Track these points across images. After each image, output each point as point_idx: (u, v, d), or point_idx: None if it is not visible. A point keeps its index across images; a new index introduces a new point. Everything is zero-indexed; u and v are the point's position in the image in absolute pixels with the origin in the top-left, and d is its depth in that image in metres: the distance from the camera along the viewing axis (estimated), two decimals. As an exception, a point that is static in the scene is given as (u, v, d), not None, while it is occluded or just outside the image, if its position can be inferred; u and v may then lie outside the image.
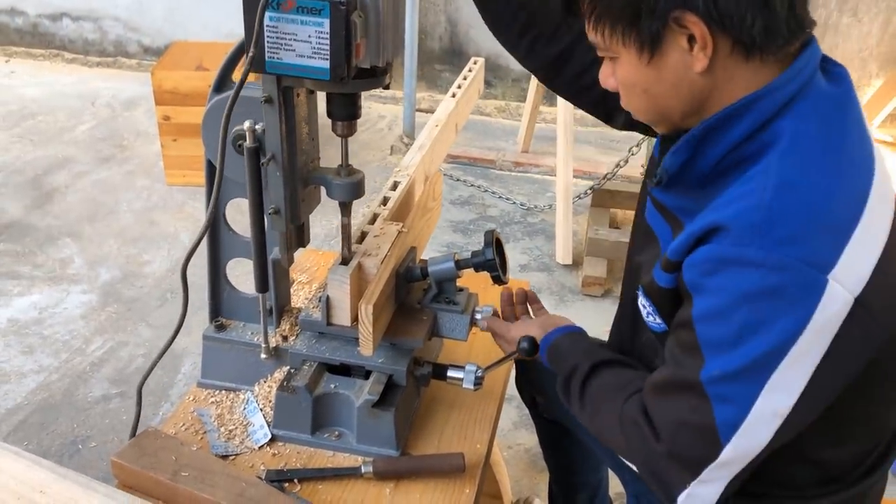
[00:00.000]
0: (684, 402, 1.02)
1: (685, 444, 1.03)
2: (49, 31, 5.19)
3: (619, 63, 1.05)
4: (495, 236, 1.37)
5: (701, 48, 0.97)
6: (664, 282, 1.07)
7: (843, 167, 0.98)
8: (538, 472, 2.32)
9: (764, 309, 0.93)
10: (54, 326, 2.85)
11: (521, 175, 4.05)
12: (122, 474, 1.26)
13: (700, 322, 0.98)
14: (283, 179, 1.23)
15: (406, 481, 1.29)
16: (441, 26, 4.64)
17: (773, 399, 0.96)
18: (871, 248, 0.96)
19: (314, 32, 1.07)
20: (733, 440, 0.99)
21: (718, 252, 0.96)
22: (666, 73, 1.01)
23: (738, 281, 0.94)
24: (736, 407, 0.98)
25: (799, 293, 0.92)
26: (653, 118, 1.10)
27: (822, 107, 1.00)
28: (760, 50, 0.98)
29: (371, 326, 1.24)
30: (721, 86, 1.00)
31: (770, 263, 0.92)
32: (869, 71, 4.35)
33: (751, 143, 0.99)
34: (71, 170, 3.92)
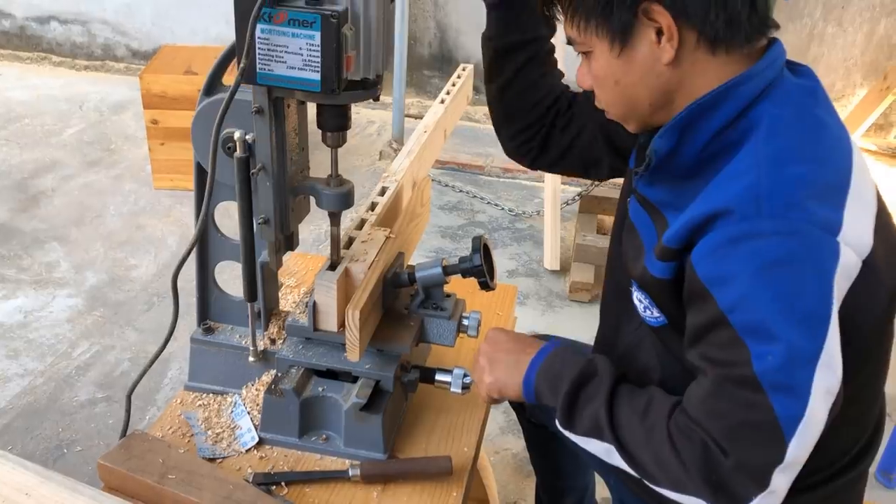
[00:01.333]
0: (740, 404, 0.95)
1: (748, 448, 0.96)
2: (37, 34, 5.17)
3: (593, 57, 1.10)
4: (483, 242, 1.37)
5: (668, 39, 1.02)
6: (659, 271, 1.06)
7: (825, 141, 1.03)
8: (525, 477, 2.32)
9: (791, 276, 0.93)
10: (40, 330, 2.83)
11: (510, 181, 4.07)
12: (108, 477, 1.26)
13: (732, 312, 0.95)
14: (272, 189, 1.24)
15: (393, 484, 1.29)
16: (430, 32, 4.65)
17: (825, 376, 0.93)
18: (866, 211, 1.00)
19: (305, 45, 1.08)
20: (797, 435, 0.93)
21: (727, 233, 0.96)
22: (635, 64, 1.06)
23: (757, 255, 0.93)
24: (795, 396, 0.93)
25: (818, 255, 0.93)
26: (623, 112, 1.14)
27: (795, 94, 1.06)
28: (725, 44, 1.03)
29: (358, 332, 1.24)
30: (688, 78, 1.05)
31: (783, 230, 0.94)
32: (853, 80, 4.39)
33: (732, 130, 1.03)
34: (58, 173, 3.90)
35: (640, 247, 1.15)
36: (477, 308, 1.46)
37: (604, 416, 1.07)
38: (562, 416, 1.13)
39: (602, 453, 1.10)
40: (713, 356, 0.99)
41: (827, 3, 4.20)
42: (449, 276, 1.37)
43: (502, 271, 3.30)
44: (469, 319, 1.40)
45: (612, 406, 1.08)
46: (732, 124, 1.03)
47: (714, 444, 0.97)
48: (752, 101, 1.03)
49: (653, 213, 1.14)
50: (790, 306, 0.93)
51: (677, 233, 1.02)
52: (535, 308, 3.10)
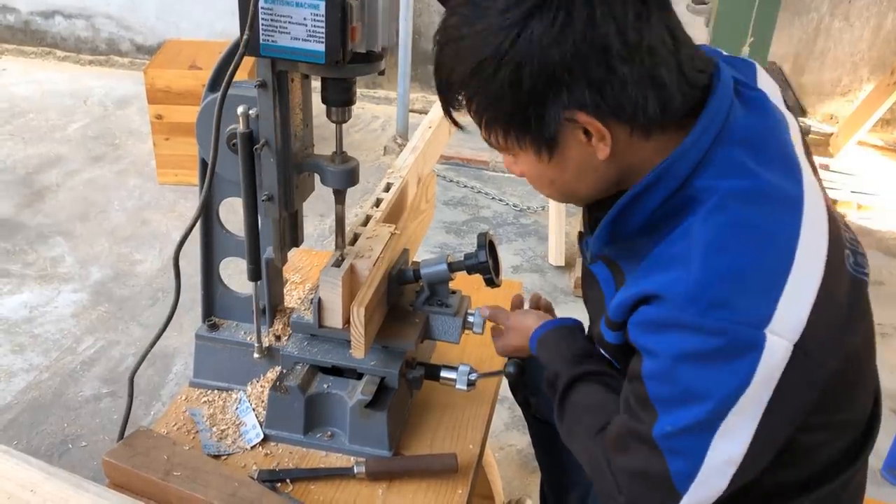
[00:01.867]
0: (639, 455, 1.02)
1: (642, 496, 1.04)
2: (41, 29, 5.17)
3: (520, 160, 1.05)
4: (489, 238, 1.37)
5: (599, 139, 0.97)
6: (611, 338, 1.09)
7: (768, 213, 0.96)
8: (529, 473, 2.32)
9: (706, 370, 0.94)
10: (45, 325, 2.84)
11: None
12: (113, 473, 1.26)
13: (649, 380, 1.00)
14: (276, 165, 1.23)
15: (398, 481, 1.29)
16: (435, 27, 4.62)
17: (724, 449, 0.97)
18: (805, 293, 0.94)
19: (310, 15, 1.06)
20: (690, 490, 0.99)
21: (657, 315, 0.97)
22: (569, 165, 1.01)
23: (678, 343, 0.95)
24: (688, 460, 0.98)
25: (739, 352, 0.92)
26: (567, 200, 1.13)
27: (737, 154, 0.98)
28: (660, 124, 0.97)
29: (363, 329, 1.24)
30: (629, 164, 1.01)
31: (707, 328, 0.92)
32: (860, 75, 4.37)
33: (674, 199, 0.98)
34: (62, 168, 3.90)
35: (601, 301, 1.15)
36: (482, 303, 1.45)
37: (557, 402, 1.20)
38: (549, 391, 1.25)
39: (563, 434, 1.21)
40: (630, 402, 1.04)
41: (834, -2, 4.19)
42: (454, 272, 1.36)
43: (507, 267, 3.29)
44: (474, 316, 1.40)
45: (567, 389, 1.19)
46: (672, 196, 0.98)
47: (614, 479, 1.06)
48: (690, 172, 0.97)
49: (609, 263, 1.14)
50: (699, 392, 0.95)
51: (618, 308, 1.03)
52: (539, 304, 3.09)
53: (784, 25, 4.19)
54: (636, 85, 0.93)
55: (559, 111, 0.94)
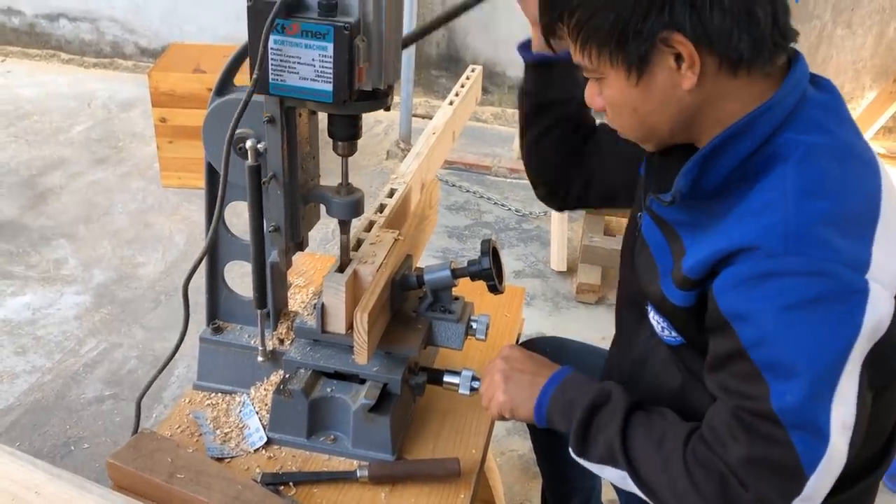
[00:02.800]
0: (759, 439, 0.95)
1: (768, 483, 0.96)
2: (46, 32, 5.18)
3: (607, 83, 1.05)
4: (492, 245, 1.36)
5: (689, 67, 0.98)
6: (679, 300, 1.05)
7: (851, 168, 0.99)
8: (531, 479, 2.32)
9: (814, 320, 0.92)
10: (48, 327, 2.84)
11: (517, 181, 4.06)
12: (117, 475, 1.26)
13: (753, 349, 0.95)
14: (283, 198, 1.25)
15: (401, 486, 1.29)
16: (438, 32, 4.65)
17: (841, 412, 0.93)
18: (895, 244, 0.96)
19: (318, 56, 1.08)
20: (818, 471, 0.94)
21: (751, 269, 0.94)
22: (654, 92, 1.02)
23: (781, 294, 0.92)
24: (815, 433, 0.93)
25: (845, 296, 0.91)
26: (641, 136, 1.11)
27: (819, 115, 1.02)
28: (748, 65, 0.99)
29: (366, 335, 1.24)
30: (710, 102, 1.02)
31: (809, 269, 0.91)
32: (862, 83, 4.38)
33: (756, 158, 1.00)
34: (66, 170, 3.91)
35: (654, 268, 1.12)
36: (485, 310, 1.46)
37: (618, 444, 1.07)
38: (575, 444, 1.12)
39: (617, 480, 1.10)
40: (733, 387, 0.98)
41: (837, 5, 4.18)
42: (457, 278, 1.36)
43: (509, 272, 3.30)
44: (477, 322, 1.40)
45: (625, 434, 1.07)
46: (756, 153, 1.00)
47: (733, 476, 0.97)
48: (774, 130, 0.99)
49: (667, 232, 1.11)
50: (811, 346, 0.92)
51: (700, 264, 1.00)
52: (541, 309, 3.10)
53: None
54: (734, 17, 0.95)
55: (657, 28, 0.96)
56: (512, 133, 4.32)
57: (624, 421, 1.08)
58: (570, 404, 1.14)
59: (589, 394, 1.13)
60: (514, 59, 1.48)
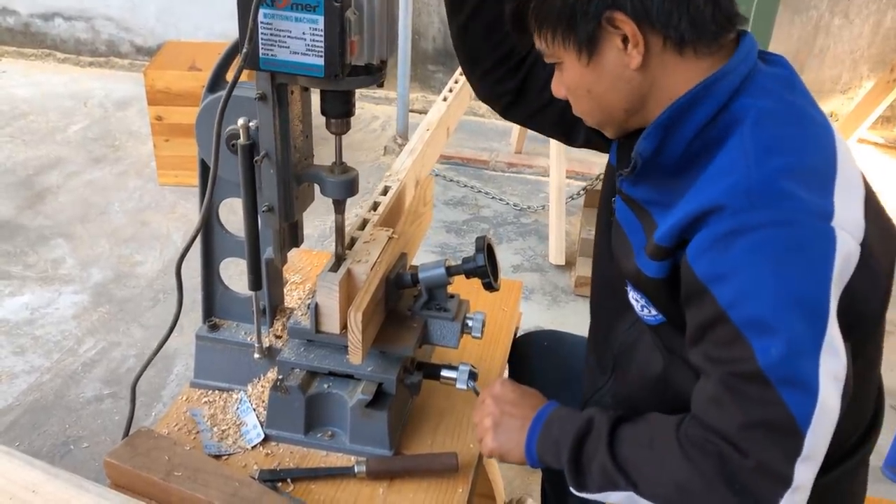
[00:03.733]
0: (750, 401, 0.93)
1: (766, 446, 0.93)
2: (41, 31, 5.17)
3: (564, 68, 1.11)
4: (487, 242, 1.35)
5: (633, 45, 1.02)
6: (653, 271, 1.05)
7: (807, 128, 1.03)
8: (531, 473, 2.32)
9: (789, 267, 0.91)
10: (46, 327, 2.84)
11: (515, 176, 4.06)
12: (114, 474, 1.26)
13: (732, 308, 0.93)
14: (276, 177, 1.23)
15: (399, 481, 1.29)
16: (434, 27, 4.64)
17: (830, 362, 0.91)
18: (854, 194, 1.00)
19: (308, 29, 1.07)
20: (813, 425, 0.91)
21: (721, 228, 0.95)
22: (605, 72, 1.06)
23: (754, 248, 0.93)
24: (804, 388, 0.91)
25: (815, 243, 0.92)
26: (599, 119, 1.15)
27: (771, 85, 1.06)
28: (692, 45, 1.03)
29: (360, 335, 1.22)
30: (659, 81, 1.06)
31: (777, 219, 0.93)
32: (860, 72, 4.37)
33: (713, 126, 1.03)
34: (63, 170, 3.91)
35: (629, 246, 1.14)
36: (482, 304, 1.45)
37: (610, 465, 1.05)
38: (572, 481, 1.10)
39: (625, 502, 1.06)
40: (715, 355, 0.97)
41: (833, -5, 4.18)
42: (452, 276, 1.35)
43: (507, 266, 3.29)
44: (473, 320, 1.38)
45: (614, 453, 1.06)
46: (714, 120, 1.03)
47: (731, 447, 0.95)
48: (730, 97, 1.03)
49: (639, 212, 1.13)
50: (789, 297, 0.91)
51: (669, 230, 1.01)
52: (539, 303, 3.10)
53: (783, 23, 4.19)
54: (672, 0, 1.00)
55: (601, 8, 1.01)
56: (509, 127, 4.32)
57: (609, 440, 1.07)
58: (556, 444, 1.12)
59: (572, 429, 1.11)
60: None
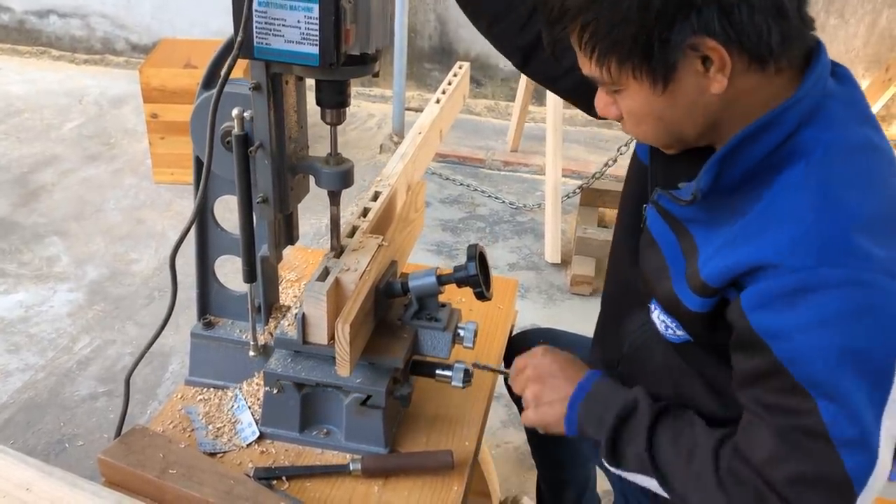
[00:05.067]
0: (808, 453, 0.92)
1: (814, 501, 0.93)
2: (36, 28, 5.16)
3: (627, 94, 1.00)
4: (479, 250, 1.33)
5: (718, 69, 0.93)
6: (696, 306, 1.01)
7: (876, 166, 0.95)
8: (526, 471, 2.32)
9: (856, 329, 0.87)
10: (41, 325, 2.83)
11: (510, 174, 4.06)
12: (109, 472, 1.26)
13: (793, 365, 0.90)
14: (271, 167, 1.22)
15: (395, 478, 1.29)
16: (430, 25, 4.64)
17: (889, 425, 0.90)
18: None
19: (303, 18, 1.06)
20: (867, 486, 0.91)
21: (784, 285, 0.89)
22: (681, 98, 0.96)
23: (819, 308, 0.87)
24: (864, 450, 0.90)
25: (884, 302, 0.87)
26: (665, 142, 1.06)
27: (842, 111, 0.98)
28: (776, 59, 0.94)
29: (348, 346, 1.19)
30: (737, 101, 0.97)
31: (844, 279, 0.87)
32: (855, 72, 4.36)
33: (775, 154, 0.96)
34: (58, 167, 3.89)
35: (665, 267, 1.08)
36: (477, 304, 1.44)
37: (647, 458, 1.07)
38: (608, 458, 1.12)
39: (654, 487, 1.08)
40: (772, 402, 0.94)
41: (829, -5, 4.19)
42: (443, 285, 1.32)
43: (503, 264, 3.30)
44: (465, 330, 1.35)
45: (653, 447, 1.07)
46: (777, 150, 0.96)
47: (775, 496, 0.94)
48: (797, 126, 0.95)
49: (677, 228, 1.07)
50: (855, 361, 0.88)
51: (720, 273, 0.96)
52: (535, 301, 3.10)
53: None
54: (763, 12, 0.90)
55: (686, 35, 0.90)
56: (506, 126, 4.32)
57: (649, 434, 1.07)
58: (598, 420, 1.13)
59: (615, 407, 1.11)
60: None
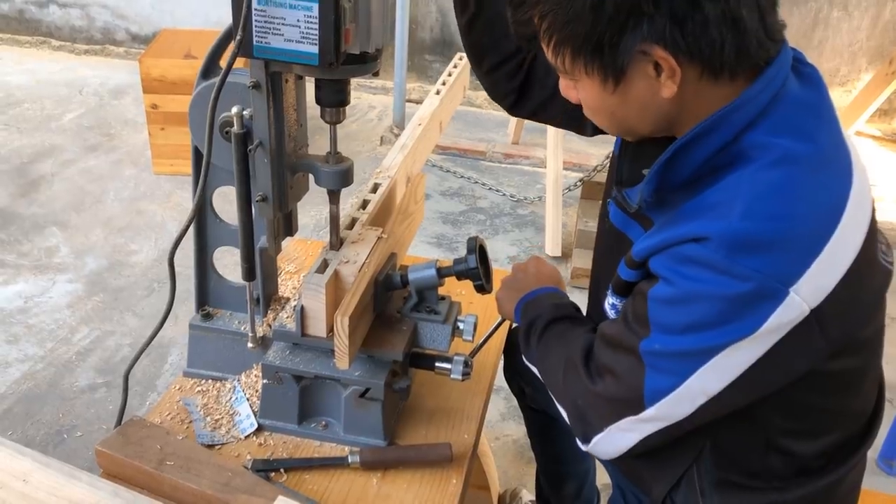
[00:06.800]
0: (623, 360, 1.05)
1: (615, 393, 1.07)
2: (35, 18, 5.14)
3: (582, 86, 1.03)
4: (479, 243, 1.32)
5: (668, 76, 0.95)
6: (629, 276, 1.08)
7: (818, 178, 0.96)
8: (525, 464, 2.32)
9: (719, 311, 0.94)
10: (40, 315, 2.83)
11: (511, 166, 4.05)
12: (106, 463, 1.25)
13: (654, 301, 1.00)
14: (270, 166, 1.22)
15: (393, 471, 1.28)
16: (432, 17, 4.62)
17: (705, 380, 0.99)
18: (838, 264, 0.94)
19: (303, 17, 1.06)
20: (657, 405, 1.03)
21: (691, 251, 0.95)
22: (632, 99, 0.99)
23: (702, 280, 0.94)
24: (668, 380, 1.01)
25: (757, 301, 0.92)
26: (620, 133, 1.11)
27: (794, 115, 0.98)
28: (730, 71, 0.95)
29: (347, 339, 1.18)
30: (690, 105, 0.99)
31: (735, 272, 0.92)
32: (858, 65, 4.36)
33: (722, 154, 0.98)
34: (57, 158, 3.89)
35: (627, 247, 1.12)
36: (478, 296, 1.44)
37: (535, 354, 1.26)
38: (522, 346, 1.30)
39: None
40: (627, 314, 1.06)
41: (832, -13, 4.17)
42: (443, 278, 1.32)
43: (503, 257, 3.29)
44: (464, 323, 1.35)
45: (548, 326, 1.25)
46: (723, 150, 0.97)
47: (587, 373, 1.10)
48: (748, 125, 0.96)
49: (638, 217, 1.13)
50: (703, 329, 0.96)
51: (648, 249, 1.02)
52: (536, 294, 3.09)
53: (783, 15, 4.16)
54: (718, 25, 0.91)
55: (635, 42, 0.92)
56: (506, 118, 4.30)
57: (540, 334, 1.25)
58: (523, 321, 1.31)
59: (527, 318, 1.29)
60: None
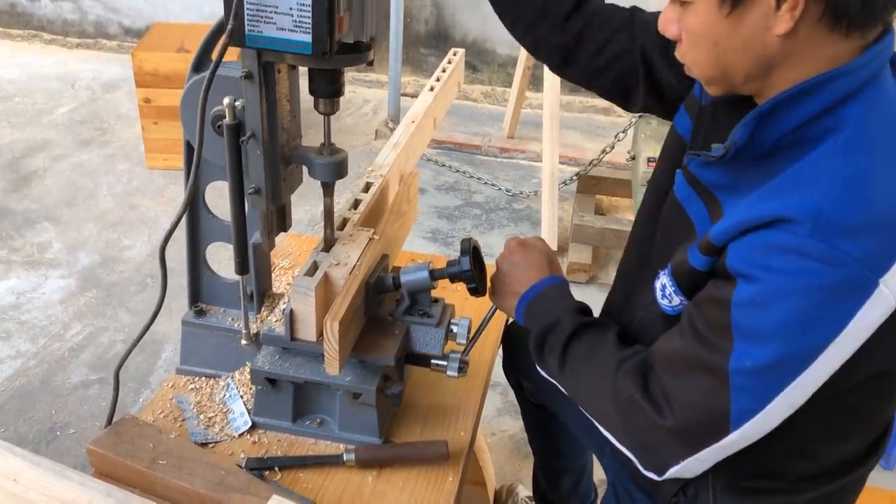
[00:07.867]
0: (702, 384, 0.98)
1: (693, 424, 1.00)
2: (27, 12, 5.10)
3: (692, 10, 0.97)
4: (472, 245, 1.30)
5: (790, 9, 0.90)
6: (700, 264, 1.02)
7: None
8: (522, 459, 2.32)
9: (812, 305, 0.90)
10: (32, 311, 2.81)
11: (507, 161, 4.03)
12: (98, 462, 1.24)
13: (739, 307, 0.94)
14: (263, 158, 1.20)
15: (389, 469, 1.27)
16: (427, 10, 4.60)
17: (793, 395, 0.94)
18: None
19: (296, 5, 1.04)
20: (743, 427, 0.97)
21: (777, 239, 0.91)
22: (743, 28, 0.94)
23: (794, 272, 0.89)
24: (755, 400, 0.95)
25: (848, 292, 0.89)
26: (712, 75, 1.02)
27: (888, 97, 0.96)
28: (848, 23, 0.91)
29: (337, 344, 1.16)
30: (795, 53, 0.94)
31: (828, 258, 0.88)
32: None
33: (814, 125, 0.94)
34: (50, 153, 3.86)
35: (690, 231, 1.08)
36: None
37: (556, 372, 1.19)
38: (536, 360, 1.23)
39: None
40: (698, 328, 1.00)
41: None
42: (436, 280, 1.29)
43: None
44: (458, 326, 1.33)
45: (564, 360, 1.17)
46: (818, 118, 0.94)
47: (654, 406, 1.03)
48: (846, 96, 0.93)
49: (705, 195, 1.06)
50: (795, 330, 0.91)
51: (729, 230, 0.96)
52: (532, 289, 3.08)
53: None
54: None
55: None
56: (502, 112, 4.29)
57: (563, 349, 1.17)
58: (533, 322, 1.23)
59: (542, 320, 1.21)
60: (504, 36, 1.43)
